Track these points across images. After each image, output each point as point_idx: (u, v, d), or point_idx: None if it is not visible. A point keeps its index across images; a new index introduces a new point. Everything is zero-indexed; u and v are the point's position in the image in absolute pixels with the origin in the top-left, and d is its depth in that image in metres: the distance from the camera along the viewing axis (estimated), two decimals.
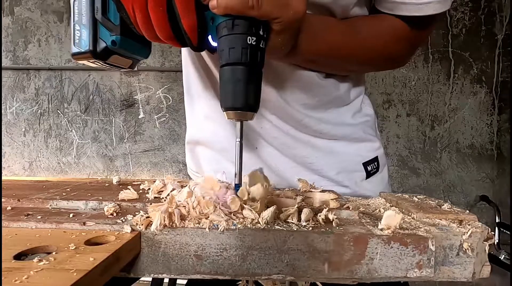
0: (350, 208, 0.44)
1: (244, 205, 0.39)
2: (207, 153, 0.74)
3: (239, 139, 0.43)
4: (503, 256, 1.73)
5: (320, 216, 0.38)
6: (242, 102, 0.40)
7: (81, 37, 0.44)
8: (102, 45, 0.44)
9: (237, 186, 0.42)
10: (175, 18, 0.39)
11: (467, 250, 0.34)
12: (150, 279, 1.16)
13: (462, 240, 0.34)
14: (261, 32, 0.39)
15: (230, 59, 0.39)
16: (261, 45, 0.39)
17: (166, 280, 1.13)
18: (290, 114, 0.65)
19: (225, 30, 0.38)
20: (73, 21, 0.45)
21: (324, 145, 0.68)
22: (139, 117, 2.47)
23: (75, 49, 0.45)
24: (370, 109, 0.75)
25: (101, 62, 0.46)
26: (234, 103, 0.40)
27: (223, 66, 0.40)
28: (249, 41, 0.38)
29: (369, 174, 0.70)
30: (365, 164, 0.70)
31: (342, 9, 0.57)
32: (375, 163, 0.71)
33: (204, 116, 0.72)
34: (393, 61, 0.65)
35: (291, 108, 0.64)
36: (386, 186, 0.75)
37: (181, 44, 0.43)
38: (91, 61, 0.46)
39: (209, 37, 0.43)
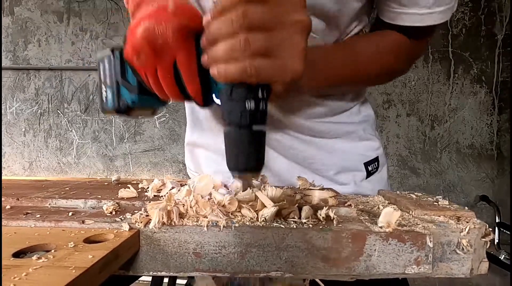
0: (352, 206, 0.44)
1: (243, 205, 0.39)
2: (207, 155, 0.75)
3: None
4: (503, 256, 1.73)
5: (320, 214, 0.39)
6: (244, 164, 0.40)
7: (107, 97, 0.50)
8: (124, 103, 0.49)
9: None
10: (182, 82, 0.44)
11: (465, 247, 0.34)
12: (150, 279, 1.16)
13: (460, 237, 0.35)
14: (260, 95, 0.40)
15: (230, 122, 0.40)
16: (260, 107, 0.40)
17: (166, 280, 1.13)
18: (292, 122, 0.66)
19: (224, 96, 0.40)
20: (100, 81, 0.50)
21: (325, 144, 0.68)
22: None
23: (103, 107, 0.51)
24: (370, 109, 0.76)
25: (125, 116, 0.51)
26: (237, 165, 0.41)
27: (226, 127, 0.41)
28: (248, 105, 0.39)
29: (369, 174, 0.71)
30: (366, 164, 0.71)
31: (347, 17, 0.58)
32: (376, 163, 0.72)
33: (205, 118, 0.72)
34: (395, 75, 0.67)
35: (289, 119, 0.65)
36: (385, 186, 0.75)
37: (190, 101, 0.47)
38: (116, 115, 0.53)
39: (214, 96, 0.45)
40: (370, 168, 0.71)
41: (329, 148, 0.68)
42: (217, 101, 0.45)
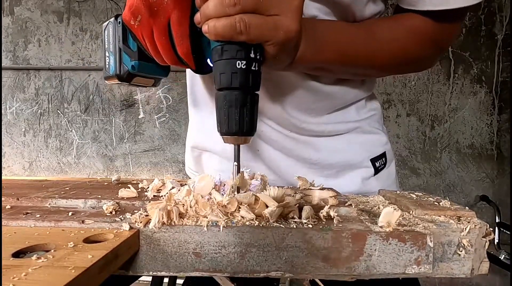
0: (352, 206, 0.44)
1: (241, 206, 0.38)
2: (211, 156, 0.73)
3: (236, 163, 0.44)
4: (503, 256, 1.73)
5: (321, 212, 0.38)
6: (236, 127, 0.40)
7: (110, 63, 0.51)
8: (125, 69, 0.50)
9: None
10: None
11: (465, 247, 0.34)
12: (149, 279, 1.16)
13: (460, 237, 0.35)
14: (252, 55, 0.39)
15: (222, 84, 0.39)
16: (253, 68, 0.39)
17: (165, 280, 1.13)
18: (288, 120, 0.63)
19: (216, 55, 0.40)
20: (104, 49, 0.52)
21: (326, 144, 0.66)
22: (139, 117, 2.47)
23: (106, 73, 0.53)
24: (376, 103, 0.72)
25: (126, 84, 0.52)
26: (229, 128, 0.41)
27: (218, 91, 0.41)
28: (239, 65, 0.38)
29: (377, 170, 0.68)
30: (373, 160, 0.68)
31: (358, 5, 0.54)
32: (383, 159, 0.69)
33: (214, 125, 0.72)
34: (417, 65, 0.60)
35: (287, 114, 0.62)
36: (394, 181, 0.72)
37: (187, 67, 0.47)
38: (117, 83, 0.53)
39: (208, 61, 0.45)
40: (377, 165, 0.68)
41: (331, 147, 0.66)
42: (211, 64, 0.44)
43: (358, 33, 0.53)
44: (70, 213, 0.40)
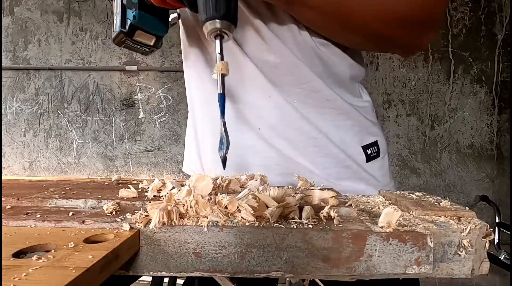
0: (353, 206, 0.44)
1: (241, 207, 0.38)
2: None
3: (220, 91, 0.49)
4: (503, 256, 1.73)
5: (322, 213, 0.38)
6: (221, 11, 0.43)
7: (116, 23, 0.57)
8: (128, 22, 0.56)
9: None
10: None
11: (466, 247, 0.34)
12: (150, 279, 1.16)
13: (461, 237, 0.35)
14: None
15: None
16: None
17: (166, 280, 1.13)
18: (291, 89, 0.65)
19: None
20: (114, 14, 0.58)
21: (325, 125, 0.67)
22: (139, 117, 2.47)
23: (113, 34, 0.58)
24: (368, 97, 0.74)
25: (130, 40, 0.58)
26: (209, 12, 0.43)
27: None
28: None
29: (369, 158, 0.69)
30: (364, 148, 0.69)
31: None
32: (375, 147, 0.70)
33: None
34: (409, 33, 0.59)
35: (290, 91, 0.65)
36: (387, 174, 0.73)
37: (182, 3, 0.51)
38: (123, 40, 0.58)
39: None
40: (369, 152, 0.69)
41: (330, 127, 0.67)
42: None
43: None
44: (70, 213, 0.40)
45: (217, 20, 0.43)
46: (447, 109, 2.34)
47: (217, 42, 0.46)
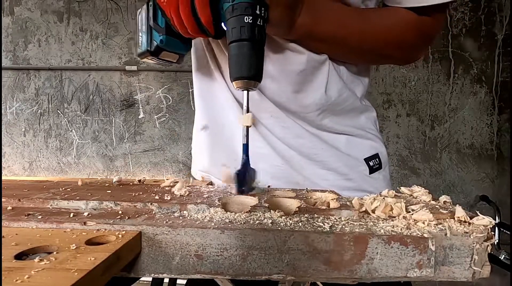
0: (353, 207, 0.44)
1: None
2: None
3: (244, 142, 0.51)
4: (503, 256, 1.73)
5: (324, 219, 0.38)
6: (246, 72, 0.47)
7: (142, 41, 0.60)
8: (154, 44, 0.58)
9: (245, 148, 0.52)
10: (198, 15, 0.51)
11: (467, 250, 0.34)
12: (150, 279, 1.16)
13: (462, 240, 0.35)
14: (257, 12, 0.46)
15: (233, 37, 0.47)
16: (258, 23, 0.47)
17: (166, 280, 1.13)
18: (292, 110, 0.67)
19: (228, 14, 0.47)
20: (138, 30, 0.61)
21: (328, 138, 0.69)
22: (139, 117, 2.47)
23: (138, 51, 0.61)
24: (373, 111, 0.76)
25: (155, 58, 0.60)
26: (239, 73, 0.47)
27: (229, 44, 0.48)
28: (246, 20, 0.46)
29: (372, 170, 0.71)
30: (367, 160, 0.71)
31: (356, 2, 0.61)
32: (377, 159, 0.72)
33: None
34: (405, 52, 0.65)
35: (299, 107, 0.66)
36: (388, 184, 0.75)
37: (206, 36, 0.55)
38: (149, 58, 0.61)
39: (223, 24, 0.52)
40: (371, 164, 0.71)
41: (331, 142, 0.69)
42: (225, 28, 0.51)
43: (353, 13, 0.60)
44: (71, 215, 0.40)
45: (246, 80, 0.48)
46: (447, 109, 2.34)
47: (245, 96, 0.51)
